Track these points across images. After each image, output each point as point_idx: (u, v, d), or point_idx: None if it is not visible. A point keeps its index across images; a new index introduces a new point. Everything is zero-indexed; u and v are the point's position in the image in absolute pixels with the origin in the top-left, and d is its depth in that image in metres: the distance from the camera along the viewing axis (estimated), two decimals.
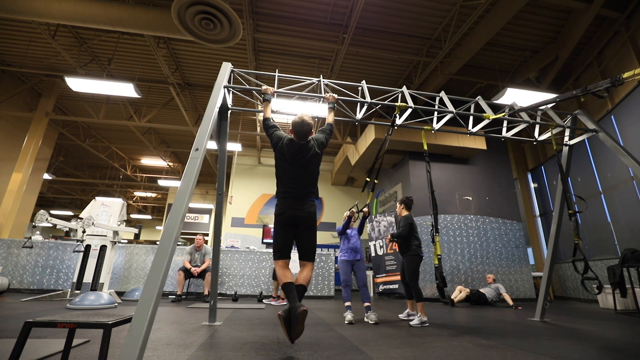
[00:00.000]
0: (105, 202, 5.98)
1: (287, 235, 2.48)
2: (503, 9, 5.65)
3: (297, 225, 2.49)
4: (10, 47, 7.63)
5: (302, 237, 2.51)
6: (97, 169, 15.73)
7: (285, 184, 2.57)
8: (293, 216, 2.47)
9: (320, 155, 2.68)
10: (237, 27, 5.46)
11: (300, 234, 2.51)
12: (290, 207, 2.49)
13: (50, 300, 5.13)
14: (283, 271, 2.38)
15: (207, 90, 8.91)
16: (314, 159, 2.62)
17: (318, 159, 2.67)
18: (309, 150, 2.60)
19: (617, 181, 6.75)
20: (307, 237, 2.51)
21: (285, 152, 2.57)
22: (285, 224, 2.49)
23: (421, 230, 7.24)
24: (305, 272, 2.42)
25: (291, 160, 2.57)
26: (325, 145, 2.75)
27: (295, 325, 2.05)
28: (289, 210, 2.49)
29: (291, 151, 2.57)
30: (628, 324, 3.90)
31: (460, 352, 2.28)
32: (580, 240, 3.55)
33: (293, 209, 2.49)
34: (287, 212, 2.48)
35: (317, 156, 2.64)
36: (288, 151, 2.57)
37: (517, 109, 3.93)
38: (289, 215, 2.48)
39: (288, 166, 2.58)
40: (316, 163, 2.66)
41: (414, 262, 3.92)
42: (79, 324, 1.44)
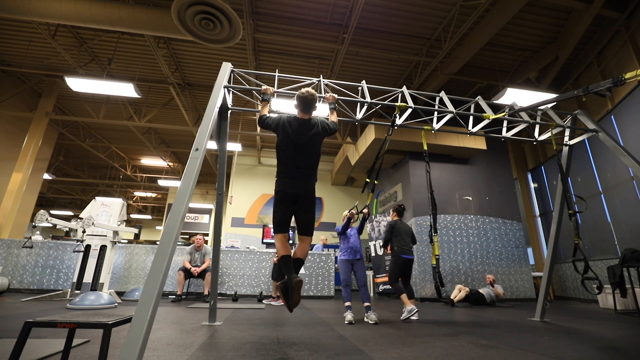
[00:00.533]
0: (105, 202, 5.98)
1: (285, 211, 2.54)
2: (503, 9, 5.65)
3: (296, 202, 2.54)
4: (10, 47, 7.63)
5: (301, 213, 2.56)
6: (97, 169, 15.73)
7: (286, 163, 2.58)
8: (292, 194, 2.52)
9: (322, 137, 2.68)
10: (237, 27, 5.46)
11: (299, 210, 2.55)
12: (290, 186, 2.53)
13: (50, 300, 5.13)
14: (282, 244, 2.48)
15: (207, 90, 8.91)
16: (316, 137, 2.62)
17: (319, 140, 2.67)
18: (312, 127, 2.61)
19: (617, 181, 6.75)
20: (306, 213, 2.57)
21: (287, 128, 2.58)
22: (284, 201, 2.53)
23: (421, 230, 7.24)
24: (303, 246, 2.55)
25: (294, 136, 2.57)
26: (329, 132, 2.74)
27: (292, 294, 2.19)
28: (288, 188, 2.52)
29: (294, 127, 2.58)
30: (628, 324, 3.90)
31: (460, 352, 2.28)
32: (580, 240, 3.55)
33: (292, 187, 2.52)
34: (286, 190, 2.52)
35: (319, 136, 2.64)
36: (290, 127, 2.58)
37: (517, 109, 3.93)
38: (288, 193, 2.52)
39: (290, 144, 2.57)
40: (318, 143, 2.66)
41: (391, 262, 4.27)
42: (79, 324, 1.44)
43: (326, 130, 2.72)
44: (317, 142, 2.65)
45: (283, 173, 2.57)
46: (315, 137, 2.63)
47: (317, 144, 2.66)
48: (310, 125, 2.62)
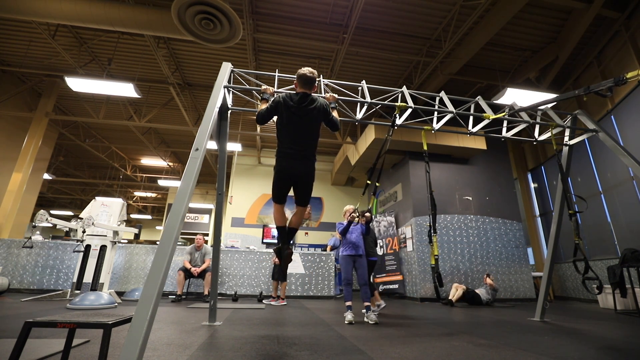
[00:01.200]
0: (105, 202, 5.98)
1: (284, 187, 2.66)
2: (503, 9, 5.65)
3: (296, 180, 2.62)
4: (10, 47, 7.63)
5: (299, 189, 2.66)
6: (97, 169, 15.72)
7: (286, 141, 2.59)
8: (292, 173, 2.59)
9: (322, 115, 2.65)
10: (237, 27, 5.46)
11: (298, 186, 2.65)
12: (290, 166, 2.58)
13: (50, 300, 5.13)
14: (279, 214, 2.73)
15: (207, 90, 8.91)
16: (316, 113, 2.60)
17: (319, 116, 2.64)
18: (313, 101, 2.62)
19: (617, 181, 6.75)
20: (305, 189, 2.67)
21: (288, 101, 2.59)
22: (283, 179, 2.62)
23: (421, 230, 7.24)
24: (298, 216, 2.79)
25: (294, 108, 2.56)
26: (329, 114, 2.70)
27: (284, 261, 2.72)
28: (288, 168, 2.58)
29: (294, 100, 2.60)
30: (628, 324, 3.90)
31: (460, 352, 2.29)
32: (580, 240, 3.55)
33: (292, 168, 2.58)
34: (286, 170, 2.58)
35: (319, 113, 2.62)
36: (291, 100, 2.59)
37: (517, 109, 3.93)
38: (288, 172, 2.59)
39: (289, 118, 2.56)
40: (317, 119, 2.65)
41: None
42: (79, 324, 1.44)
43: (327, 110, 2.67)
44: (316, 118, 2.62)
45: (283, 152, 2.58)
46: (316, 112, 2.60)
47: (316, 120, 2.63)
48: (311, 99, 2.62)
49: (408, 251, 7.43)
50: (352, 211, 4.09)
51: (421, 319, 4.14)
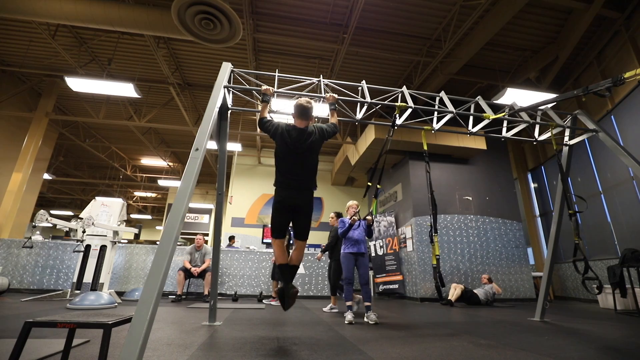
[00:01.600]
0: (105, 202, 5.98)
1: (284, 219, 2.65)
2: (503, 9, 5.65)
3: (295, 211, 2.63)
4: (10, 47, 7.63)
5: (298, 220, 2.66)
6: (97, 169, 15.72)
7: (285, 173, 2.63)
8: (291, 204, 2.60)
9: (320, 142, 2.70)
10: (237, 27, 5.46)
11: (297, 217, 2.65)
12: (289, 196, 2.59)
13: (50, 300, 5.13)
14: (280, 251, 2.66)
15: (207, 90, 8.91)
16: (314, 145, 2.65)
17: (318, 146, 2.70)
18: (310, 135, 2.64)
19: (617, 181, 6.75)
20: (303, 220, 2.67)
21: (286, 137, 2.60)
22: (283, 210, 2.62)
23: (421, 230, 7.24)
24: (298, 252, 2.70)
25: (292, 145, 2.60)
26: (327, 136, 2.77)
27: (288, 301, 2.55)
28: (287, 199, 2.59)
29: (292, 136, 2.61)
30: (628, 324, 3.90)
31: (460, 352, 2.29)
32: (580, 240, 3.55)
33: (291, 198, 2.59)
34: (285, 200, 2.59)
35: (317, 142, 2.67)
36: (289, 136, 2.60)
37: (517, 109, 3.93)
38: (287, 203, 2.60)
39: (288, 153, 2.61)
40: (316, 150, 2.69)
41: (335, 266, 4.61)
42: (79, 324, 1.44)
43: (324, 134, 2.74)
44: (315, 149, 2.67)
45: (282, 183, 2.62)
46: (314, 144, 2.65)
47: (315, 151, 2.68)
48: (308, 133, 2.64)
49: (408, 251, 7.43)
50: (355, 207, 4.07)
51: (421, 319, 4.14)
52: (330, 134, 2.81)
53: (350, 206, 4.12)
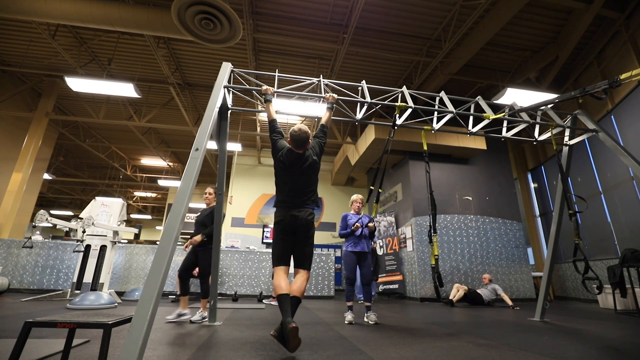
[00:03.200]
0: (105, 202, 5.98)
1: (287, 243, 2.53)
2: (503, 9, 5.65)
3: (295, 231, 2.53)
4: (10, 47, 7.63)
5: (299, 244, 2.54)
6: (97, 169, 15.72)
7: (284, 192, 2.62)
8: (291, 222, 2.52)
9: (317, 163, 2.71)
10: (237, 27, 5.46)
11: (297, 241, 2.54)
12: (289, 214, 2.53)
13: (50, 300, 5.13)
14: (279, 281, 2.36)
15: (207, 90, 8.91)
16: (311, 167, 2.66)
17: (316, 167, 2.71)
18: (306, 160, 2.64)
19: (617, 181, 6.75)
20: (304, 244, 2.54)
21: (285, 161, 2.62)
22: (284, 231, 2.53)
23: (421, 230, 7.25)
24: (300, 282, 2.42)
25: (290, 169, 2.61)
26: (322, 151, 2.80)
27: (288, 341, 2.07)
28: (287, 217, 2.53)
29: (289, 160, 2.61)
30: (628, 324, 3.90)
31: (460, 352, 2.28)
32: (580, 240, 3.55)
33: (291, 217, 2.53)
34: (285, 219, 2.53)
35: (314, 164, 2.68)
36: (286, 160, 2.61)
37: (517, 109, 3.93)
38: (287, 222, 2.52)
39: (287, 175, 2.62)
40: (314, 171, 2.70)
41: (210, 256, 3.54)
42: (79, 324, 1.44)
43: (318, 152, 2.75)
44: (313, 171, 2.68)
45: (282, 202, 2.61)
46: (312, 165, 2.66)
47: (313, 173, 2.69)
48: (305, 157, 2.64)
49: (408, 251, 7.43)
50: (359, 202, 4.04)
51: (421, 318, 4.14)
52: (323, 144, 2.82)
53: (354, 200, 4.06)
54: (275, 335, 2.11)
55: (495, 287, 6.16)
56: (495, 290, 6.12)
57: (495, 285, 6.24)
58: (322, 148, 2.80)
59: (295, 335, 2.08)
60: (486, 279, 6.41)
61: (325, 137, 2.88)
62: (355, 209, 4.04)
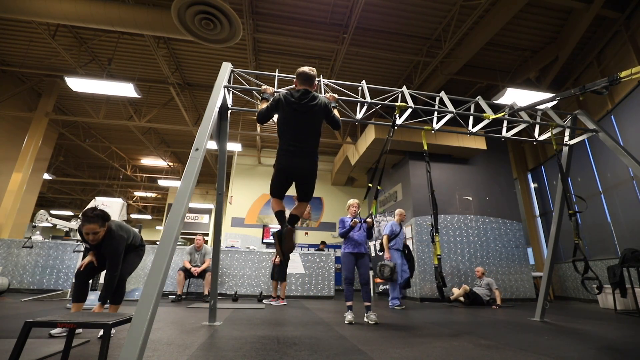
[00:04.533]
0: (105, 202, 5.97)
1: (285, 183, 2.60)
2: (503, 9, 5.65)
3: (298, 178, 2.58)
4: (10, 47, 7.63)
5: (301, 186, 2.61)
6: (97, 169, 15.73)
7: (287, 138, 2.55)
8: (293, 172, 2.55)
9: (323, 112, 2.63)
10: (237, 27, 5.46)
11: (299, 183, 2.60)
12: (291, 163, 2.51)
13: (50, 300, 5.13)
14: (277, 204, 2.56)
15: (207, 90, 8.91)
16: (317, 109, 2.58)
17: (321, 114, 2.62)
18: (314, 98, 2.59)
19: (617, 181, 6.75)
20: (306, 185, 2.62)
21: (289, 97, 2.56)
22: (284, 177, 2.57)
23: (421, 230, 7.24)
24: (300, 208, 2.61)
25: (296, 104, 2.54)
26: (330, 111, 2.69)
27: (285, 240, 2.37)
28: (289, 166, 2.52)
29: (295, 96, 2.56)
30: (628, 324, 3.90)
31: (460, 352, 2.29)
32: (580, 240, 3.55)
33: (294, 165, 2.52)
34: (287, 167, 2.53)
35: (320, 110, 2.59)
36: (292, 97, 2.55)
37: (517, 109, 3.93)
38: (289, 170, 2.54)
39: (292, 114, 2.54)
40: (319, 116, 2.62)
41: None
42: (79, 324, 1.45)
43: (328, 108, 2.65)
44: (318, 114, 2.59)
45: (284, 149, 2.54)
46: (317, 109, 2.57)
47: (318, 116, 2.60)
48: (313, 95, 2.59)
49: None
50: (356, 206, 4.07)
51: (421, 318, 4.14)
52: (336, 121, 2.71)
53: (351, 205, 4.11)
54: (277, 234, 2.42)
55: (489, 282, 6.09)
56: (489, 285, 6.07)
57: (489, 279, 6.17)
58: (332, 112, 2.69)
59: (291, 235, 2.39)
60: (479, 272, 6.33)
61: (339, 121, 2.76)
62: (352, 214, 4.08)
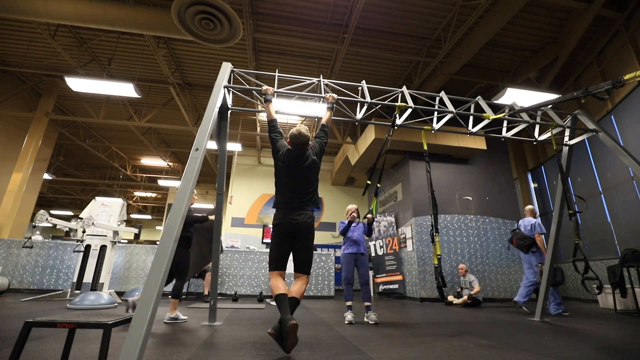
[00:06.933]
0: (105, 202, 5.98)
1: (284, 246, 2.49)
2: (503, 9, 5.65)
3: (294, 235, 2.49)
4: (10, 47, 7.63)
5: (298, 248, 2.50)
6: (97, 169, 15.72)
7: (284, 193, 2.59)
8: (290, 226, 2.47)
9: (317, 163, 2.69)
10: (237, 27, 5.46)
11: (296, 244, 2.50)
12: (288, 217, 2.50)
13: (50, 300, 5.13)
14: (276, 282, 2.35)
15: (207, 90, 8.91)
16: (311, 167, 2.64)
17: (316, 167, 2.68)
18: (306, 159, 2.62)
19: (617, 181, 6.75)
20: (304, 248, 2.50)
21: (285, 161, 2.60)
22: (282, 234, 2.49)
23: (421, 230, 7.24)
24: (299, 285, 2.40)
25: (290, 169, 2.59)
26: (323, 151, 2.78)
27: (287, 339, 2.04)
28: (286, 220, 2.49)
29: (289, 160, 2.60)
30: (628, 324, 3.90)
31: (460, 352, 2.28)
32: (580, 240, 3.55)
33: (290, 219, 2.49)
34: (284, 222, 2.49)
35: (314, 164, 2.66)
36: (286, 160, 2.60)
37: (517, 109, 3.93)
38: (286, 225, 2.48)
39: (286, 175, 2.60)
40: (314, 172, 2.68)
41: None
42: (79, 324, 1.44)
43: (319, 152, 2.73)
44: (313, 171, 2.66)
45: (281, 203, 2.57)
46: (312, 165, 2.64)
47: (313, 173, 2.67)
48: (305, 157, 2.62)
49: (408, 251, 7.43)
50: (353, 211, 4.09)
51: (421, 318, 4.14)
52: (323, 145, 2.79)
53: (349, 210, 4.14)
54: (273, 333, 2.06)
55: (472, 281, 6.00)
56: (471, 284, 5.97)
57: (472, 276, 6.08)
58: (322, 148, 2.78)
59: (295, 332, 2.04)
60: (462, 270, 6.27)
61: (326, 137, 2.86)
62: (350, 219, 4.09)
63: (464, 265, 6.36)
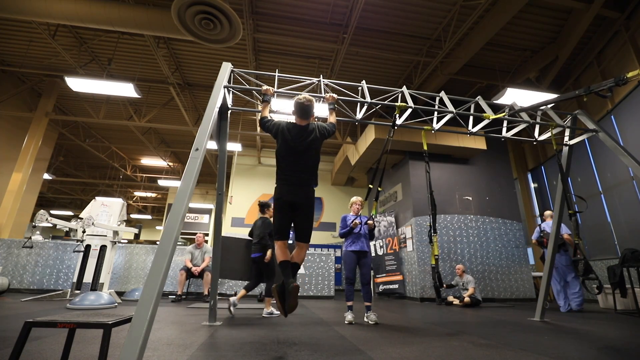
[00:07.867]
0: (105, 202, 5.98)
1: (284, 218, 2.57)
2: (503, 9, 5.65)
3: (295, 209, 2.56)
4: (10, 47, 7.63)
5: (299, 220, 2.59)
6: (97, 169, 15.73)
7: (285, 170, 2.60)
8: (291, 201, 2.54)
9: (320, 141, 2.69)
10: (237, 27, 5.46)
11: (297, 216, 2.58)
12: (289, 193, 2.54)
13: (50, 300, 5.13)
14: (281, 250, 2.52)
15: (207, 90, 8.91)
16: (314, 143, 2.64)
17: (318, 145, 2.68)
18: (310, 134, 2.63)
19: (617, 181, 6.75)
20: (304, 220, 2.60)
21: (287, 135, 2.60)
22: (283, 208, 2.55)
23: (421, 230, 7.24)
24: (300, 252, 2.59)
25: (292, 142, 2.59)
26: (327, 135, 2.76)
27: (289, 299, 2.22)
28: (286, 195, 2.54)
29: (292, 134, 2.60)
30: (628, 324, 3.90)
31: (460, 352, 2.28)
32: (580, 240, 3.55)
33: (291, 194, 2.53)
34: (285, 197, 2.54)
35: (317, 141, 2.66)
36: (289, 134, 2.60)
37: (517, 109, 3.93)
38: (287, 200, 2.54)
39: (289, 151, 2.59)
40: (316, 148, 2.68)
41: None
42: (79, 324, 1.44)
43: (324, 134, 2.73)
44: (315, 147, 2.67)
45: (282, 179, 2.59)
46: (314, 142, 2.64)
47: (315, 149, 2.67)
48: (309, 131, 2.63)
49: (408, 251, 7.43)
50: (359, 203, 4.02)
51: (421, 318, 4.14)
52: (330, 133, 2.80)
53: (354, 202, 4.04)
54: (277, 290, 2.27)
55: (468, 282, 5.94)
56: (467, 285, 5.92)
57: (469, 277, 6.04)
58: (327, 132, 2.75)
59: (296, 293, 2.23)
60: (459, 270, 6.22)
61: (332, 128, 2.83)
62: (354, 211, 4.03)
63: (462, 266, 6.35)
